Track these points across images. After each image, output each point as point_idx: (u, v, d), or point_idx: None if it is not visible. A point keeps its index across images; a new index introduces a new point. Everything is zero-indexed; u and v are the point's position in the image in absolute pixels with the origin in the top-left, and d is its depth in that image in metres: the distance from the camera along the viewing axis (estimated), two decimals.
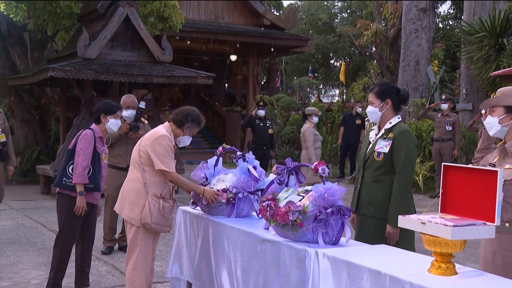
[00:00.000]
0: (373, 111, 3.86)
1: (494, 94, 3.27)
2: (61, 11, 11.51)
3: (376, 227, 3.83)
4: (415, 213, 3.88)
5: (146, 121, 6.59)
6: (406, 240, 3.77)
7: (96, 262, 6.10)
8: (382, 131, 3.85)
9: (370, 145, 3.92)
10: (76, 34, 11.71)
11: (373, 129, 4.00)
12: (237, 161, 4.44)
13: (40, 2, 11.28)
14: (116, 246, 6.72)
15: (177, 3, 13.01)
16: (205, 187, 4.15)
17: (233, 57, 20.60)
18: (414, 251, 3.41)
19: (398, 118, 3.85)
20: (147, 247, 4.18)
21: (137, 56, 11.32)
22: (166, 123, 4.25)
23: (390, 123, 3.83)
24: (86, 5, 11.88)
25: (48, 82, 11.93)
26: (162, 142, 4.08)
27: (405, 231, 3.66)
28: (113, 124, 4.93)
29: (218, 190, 4.15)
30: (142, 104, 6.38)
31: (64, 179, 4.77)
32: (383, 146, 3.78)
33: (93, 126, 4.92)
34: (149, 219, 4.06)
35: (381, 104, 3.82)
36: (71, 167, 4.74)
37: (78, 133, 4.86)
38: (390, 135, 3.79)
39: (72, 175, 4.72)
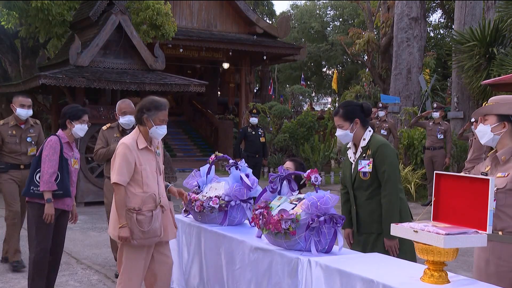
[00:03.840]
0: (345, 134, 3.85)
1: (486, 102, 3.28)
2: (53, 18, 11.48)
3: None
4: (412, 217, 3.90)
5: None
6: (409, 253, 3.70)
7: (87, 271, 6.06)
8: (360, 150, 3.85)
9: (353, 166, 3.90)
10: (68, 42, 11.69)
11: (349, 148, 3.98)
12: (229, 169, 4.43)
13: (32, 10, 11.25)
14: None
15: (170, 11, 13.02)
16: (126, 226, 3.78)
17: (226, 65, 20.61)
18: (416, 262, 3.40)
19: (370, 131, 3.86)
20: (132, 264, 3.90)
21: (129, 63, 11.30)
22: (136, 127, 4.02)
23: (364, 139, 3.84)
24: (79, 13, 11.86)
25: (40, 90, 11.89)
26: (119, 152, 3.86)
27: (407, 244, 3.64)
28: (79, 129, 4.74)
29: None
30: None
31: (32, 187, 4.63)
32: (365, 166, 3.79)
33: (60, 132, 4.76)
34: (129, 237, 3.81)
35: (351, 125, 3.82)
36: (38, 175, 4.60)
37: (45, 140, 4.74)
38: (369, 152, 3.79)
39: (39, 183, 4.58)
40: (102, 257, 6.69)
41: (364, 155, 3.82)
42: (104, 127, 5.94)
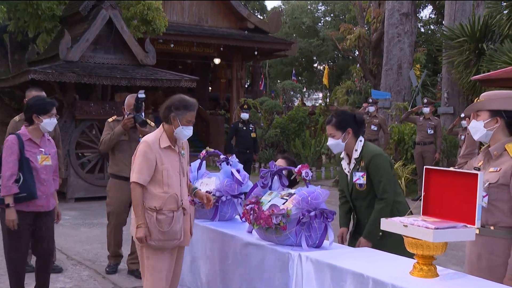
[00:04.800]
0: (336, 144, 3.83)
1: (478, 99, 3.30)
2: (43, 13, 11.39)
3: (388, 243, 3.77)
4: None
5: (152, 123, 5.75)
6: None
7: (78, 266, 6.04)
8: (353, 161, 3.85)
9: (348, 177, 3.90)
10: (58, 37, 11.62)
11: (342, 158, 3.97)
12: (220, 164, 4.44)
13: (21, 4, 11.17)
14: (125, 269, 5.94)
15: (161, 5, 12.96)
16: (142, 226, 3.61)
17: (217, 61, 20.58)
18: None
19: (361, 141, 3.84)
20: (154, 266, 3.67)
21: (120, 59, 11.25)
22: (160, 125, 3.83)
23: (356, 150, 3.83)
24: (68, 7, 11.77)
25: (29, 85, 11.79)
26: (140, 150, 3.70)
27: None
28: (48, 124, 4.39)
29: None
30: (142, 93, 5.55)
31: None
32: (360, 178, 3.79)
33: (22, 129, 4.41)
34: (147, 237, 3.63)
35: (343, 135, 3.81)
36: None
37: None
38: (362, 163, 3.79)
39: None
40: (92, 252, 6.67)
41: (357, 166, 3.82)
42: (110, 119, 5.74)
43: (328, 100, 22.12)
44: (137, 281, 5.50)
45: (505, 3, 13.74)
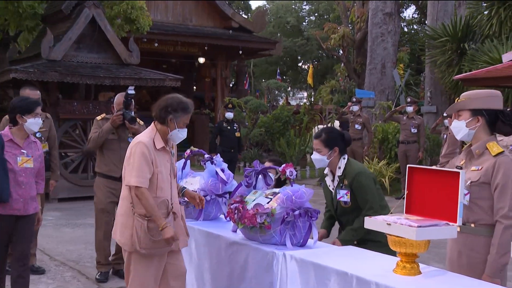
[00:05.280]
0: (321, 159, 3.83)
1: (459, 98, 3.33)
2: (24, 11, 11.22)
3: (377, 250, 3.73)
4: None
5: (141, 122, 5.59)
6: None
7: (61, 267, 6.00)
8: (337, 179, 3.85)
9: (332, 194, 3.90)
10: (40, 35, 11.49)
11: (326, 174, 3.97)
12: (205, 163, 4.43)
13: (1, 2, 11.02)
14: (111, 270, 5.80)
15: (145, 4, 12.88)
16: (167, 225, 3.45)
17: (202, 60, 20.50)
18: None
19: (344, 158, 3.85)
20: (142, 275, 3.53)
21: (103, 58, 11.17)
22: (152, 124, 3.66)
23: (340, 168, 3.83)
24: (51, 6, 11.64)
25: (11, 84, 11.68)
26: (136, 151, 3.49)
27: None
28: (32, 124, 4.28)
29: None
30: (131, 89, 5.39)
31: None
32: (344, 195, 3.80)
33: (5, 129, 4.29)
34: (137, 245, 3.47)
35: (329, 152, 3.81)
36: None
37: None
38: (345, 182, 3.79)
39: None
40: (76, 253, 6.63)
41: (341, 184, 3.82)
42: (98, 117, 5.61)
43: (312, 99, 22.22)
44: (121, 281, 5.47)
45: (485, 4, 13.90)
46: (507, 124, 3.21)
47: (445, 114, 10.40)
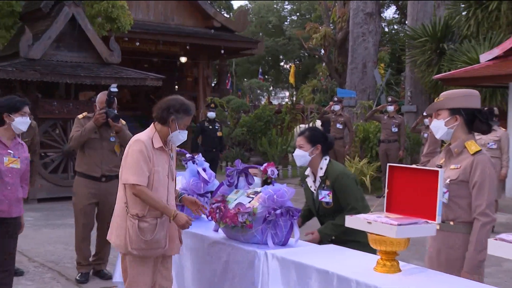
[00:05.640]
0: (303, 155, 3.83)
1: (438, 98, 3.37)
2: (1, 8, 11.05)
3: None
4: None
5: (123, 121, 5.50)
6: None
7: (40, 269, 5.93)
8: (318, 179, 3.85)
9: (314, 195, 3.90)
10: (18, 34, 11.32)
11: (307, 175, 3.97)
12: (186, 163, 4.41)
13: None
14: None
15: (126, 3, 12.76)
16: (177, 212, 3.47)
17: (183, 59, 20.43)
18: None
19: (326, 159, 3.85)
20: (138, 276, 3.46)
21: (84, 57, 11.05)
22: (151, 125, 3.60)
23: (321, 168, 3.84)
24: (29, 4, 11.45)
25: None
26: (134, 149, 3.42)
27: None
28: (20, 123, 4.17)
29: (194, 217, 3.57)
30: (114, 87, 5.29)
31: None
32: (326, 196, 3.80)
33: None
34: (129, 246, 3.40)
35: (311, 149, 3.81)
36: None
37: None
38: (327, 182, 3.80)
39: None
40: (55, 254, 6.56)
41: (323, 185, 3.83)
42: (80, 116, 5.52)
43: (294, 98, 22.25)
44: (102, 282, 5.44)
45: (463, 5, 14.07)
46: (484, 123, 3.26)
47: (425, 114, 10.51)
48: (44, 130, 10.27)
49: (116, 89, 5.31)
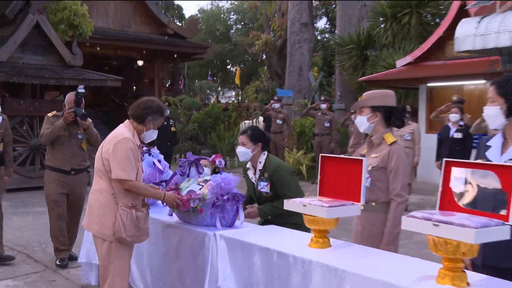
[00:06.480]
0: (245, 152, 3.80)
1: (361, 97, 3.45)
2: None
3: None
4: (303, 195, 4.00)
5: (90, 120, 5.37)
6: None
7: (9, 252, 5.70)
8: (258, 172, 3.85)
9: (254, 185, 3.89)
10: None
11: (248, 168, 3.95)
12: (143, 155, 4.34)
13: None
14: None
15: (87, 12, 12.38)
16: (165, 194, 3.39)
17: (140, 62, 20.03)
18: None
19: (264, 154, 3.85)
20: (123, 263, 3.32)
21: (48, 60, 10.68)
22: (126, 121, 3.43)
23: (260, 162, 3.84)
24: None
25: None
26: (124, 146, 3.22)
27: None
28: None
29: (182, 195, 3.44)
30: (81, 88, 5.17)
31: None
32: (264, 187, 3.80)
33: None
34: (123, 233, 3.21)
35: (253, 147, 3.80)
36: None
37: None
38: (266, 175, 3.80)
39: None
40: (24, 239, 6.35)
41: (262, 177, 3.83)
42: (49, 114, 5.33)
43: (240, 97, 22.24)
44: (70, 263, 5.28)
45: (382, 19, 14.44)
46: (399, 119, 3.37)
47: (351, 111, 10.72)
48: (12, 126, 9.85)
49: (83, 90, 5.20)
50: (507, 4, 7.83)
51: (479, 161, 2.47)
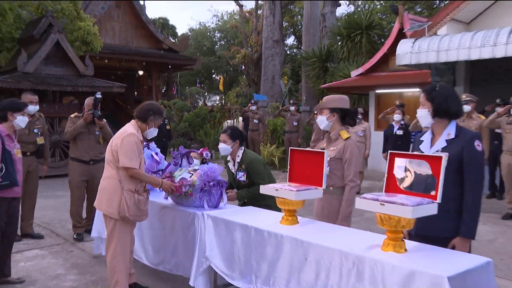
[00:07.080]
0: (226, 148, 3.75)
1: (321, 100, 3.45)
2: (4, 36, 10.58)
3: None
4: (275, 181, 3.99)
5: (105, 120, 5.32)
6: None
7: (36, 228, 5.58)
8: (237, 164, 3.81)
9: (234, 175, 3.84)
10: (16, 54, 10.66)
11: (229, 161, 3.90)
12: (143, 149, 4.28)
13: None
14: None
15: (97, 31, 12.25)
16: (162, 181, 3.37)
17: (141, 72, 19.76)
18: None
19: (241, 149, 3.80)
20: (125, 237, 3.31)
21: (65, 70, 10.51)
22: (132, 121, 3.40)
23: (238, 156, 3.79)
24: (25, 31, 10.87)
25: (24, 90, 10.63)
26: (130, 140, 3.21)
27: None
28: (21, 121, 3.89)
29: (176, 182, 3.38)
30: (99, 94, 5.17)
31: None
32: (242, 176, 3.76)
33: (0, 127, 3.80)
34: (126, 212, 3.20)
35: (232, 143, 3.74)
36: None
37: None
38: (243, 166, 3.76)
39: None
40: (48, 217, 6.22)
41: (240, 168, 3.78)
42: (72, 115, 5.30)
43: (223, 101, 22.15)
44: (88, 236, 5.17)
45: (339, 37, 14.53)
46: (352, 119, 3.39)
47: (315, 112, 10.76)
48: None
49: (100, 96, 5.21)
50: (433, 30, 8.08)
51: (415, 152, 2.51)
